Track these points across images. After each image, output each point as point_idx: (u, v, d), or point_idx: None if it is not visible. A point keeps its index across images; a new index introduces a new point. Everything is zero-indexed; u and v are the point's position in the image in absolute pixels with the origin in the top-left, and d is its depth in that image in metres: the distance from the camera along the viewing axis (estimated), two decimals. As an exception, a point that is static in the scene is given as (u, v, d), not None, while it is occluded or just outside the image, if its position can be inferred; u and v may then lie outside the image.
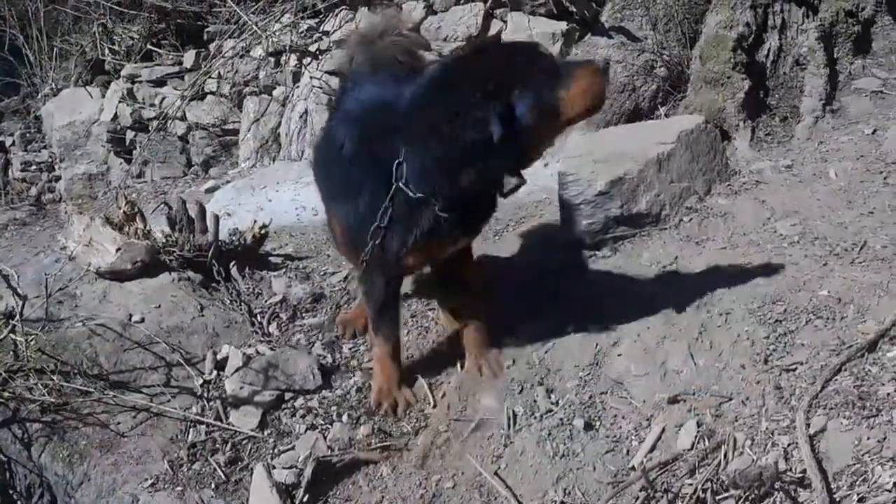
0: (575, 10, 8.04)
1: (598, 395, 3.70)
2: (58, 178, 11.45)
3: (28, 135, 12.32)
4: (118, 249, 4.58)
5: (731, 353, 3.57)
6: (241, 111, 10.37)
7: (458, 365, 4.09)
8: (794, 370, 3.34)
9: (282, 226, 6.67)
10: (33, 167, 12.09)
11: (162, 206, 5.16)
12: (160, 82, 10.92)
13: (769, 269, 4.09)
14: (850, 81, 6.96)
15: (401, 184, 3.56)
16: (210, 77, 10.36)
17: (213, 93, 10.50)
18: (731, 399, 3.37)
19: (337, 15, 9.11)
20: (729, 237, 4.60)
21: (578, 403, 3.68)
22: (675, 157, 5.12)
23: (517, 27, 7.91)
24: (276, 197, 8.07)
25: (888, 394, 3.02)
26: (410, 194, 3.55)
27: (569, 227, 5.00)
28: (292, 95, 9.62)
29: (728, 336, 3.64)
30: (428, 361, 4.21)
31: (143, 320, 4.30)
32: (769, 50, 7.10)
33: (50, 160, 11.68)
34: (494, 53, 3.64)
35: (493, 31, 8.11)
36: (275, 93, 9.87)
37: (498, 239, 5.46)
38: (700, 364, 3.58)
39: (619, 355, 3.76)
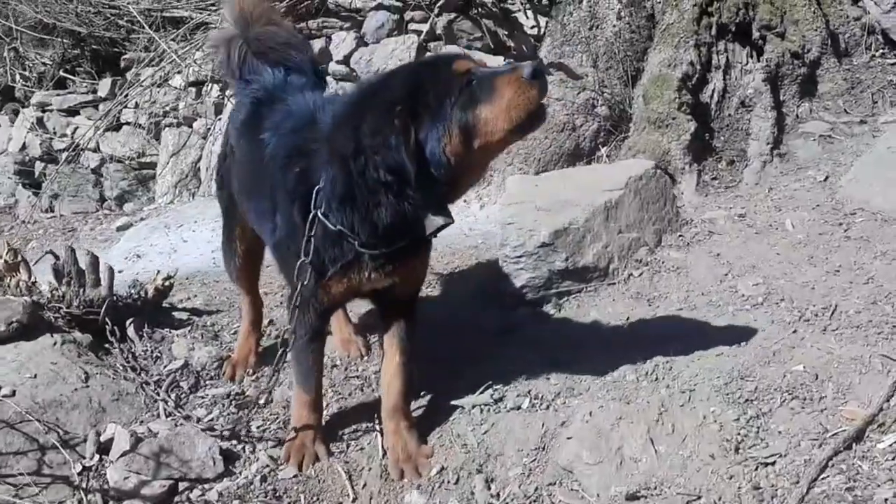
0: (513, 44, 7.66)
1: (546, 486, 3.18)
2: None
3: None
4: (-11, 308, 3.95)
5: (696, 439, 3.10)
6: (159, 143, 9.75)
7: (380, 443, 3.54)
8: (773, 464, 2.88)
9: (195, 271, 6.09)
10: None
11: (47, 254, 4.50)
12: (73, 111, 10.29)
13: (733, 336, 3.66)
14: (797, 125, 6.66)
15: (319, 213, 3.17)
16: (126, 107, 9.76)
17: (129, 123, 9.90)
18: (699, 497, 2.89)
19: (262, 44, 8.57)
20: (685, 297, 4.18)
21: (523, 497, 3.16)
22: (623, 205, 4.70)
23: (452, 61, 7.45)
24: (192, 237, 7.48)
25: (886, 500, 2.56)
26: (329, 225, 3.17)
27: (508, 280, 4.52)
28: (214, 128, 9.05)
29: (692, 418, 3.17)
30: (351, 437, 3.64)
31: (13, 393, 3.65)
32: (713, 90, 6.79)
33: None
34: (401, 76, 3.21)
35: (426, 65, 7.66)
36: (195, 125, 9.31)
37: (429, 289, 4.93)
38: (661, 451, 3.10)
39: (568, 438, 3.26)
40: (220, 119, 8.97)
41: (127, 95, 9.59)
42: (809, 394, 3.13)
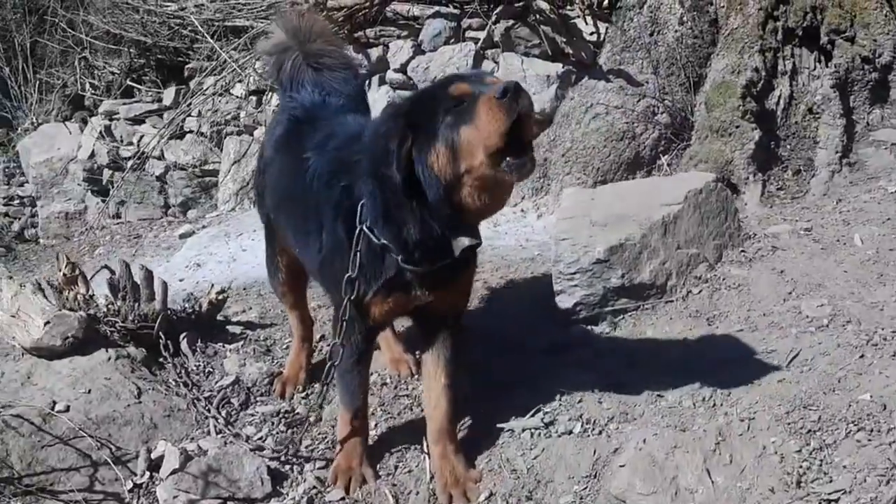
0: (571, 51, 7.55)
1: (597, 516, 3.10)
2: (38, 215, 10.98)
3: (8, 169, 11.86)
4: (47, 323, 3.99)
5: (755, 471, 2.98)
6: (221, 151, 9.85)
7: (428, 466, 3.49)
8: (837, 501, 2.75)
9: (252, 281, 6.09)
10: (16, 201, 11.66)
11: (103, 268, 4.55)
12: (138, 120, 10.44)
13: (796, 361, 3.52)
14: (867, 133, 6.44)
15: (365, 227, 3.17)
16: (189, 115, 9.89)
17: (192, 131, 10.01)
18: (757, 533, 2.78)
19: (321, 52, 8.59)
20: (745, 316, 4.04)
21: (573, 527, 3.08)
22: (682, 220, 4.57)
23: (509, 68, 7.41)
24: (251, 246, 7.50)
25: (956, 544, 2.43)
26: (374, 240, 3.16)
27: (562, 297, 4.43)
28: (273, 136, 9.09)
29: (751, 448, 3.05)
30: (399, 458, 3.60)
31: (67, 409, 3.69)
32: (779, 97, 6.62)
33: (33, 195, 11.20)
34: (411, 97, 3.24)
35: (484, 73, 7.60)
36: (256, 133, 9.36)
37: (480, 302, 4.87)
38: (718, 482, 2.99)
39: (621, 466, 3.16)
40: (280, 127, 9.01)
41: (190, 104, 9.70)
42: (877, 425, 2.98)
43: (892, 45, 6.64)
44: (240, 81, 9.49)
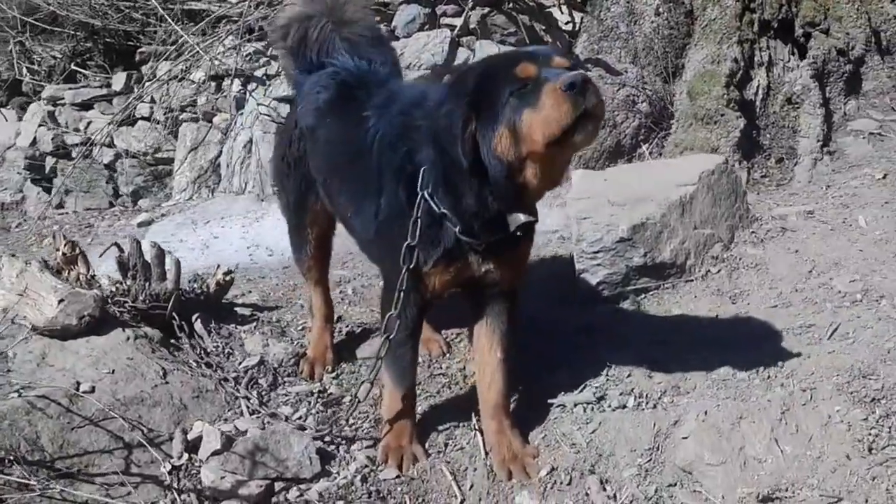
0: (550, 39, 7.55)
1: (665, 487, 3.07)
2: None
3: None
4: (61, 301, 3.77)
5: (823, 439, 2.99)
6: (176, 139, 9.55)
7: (481, 442, 3.41)
8: (919, 465, 2.77)
9: (233, 266, 5.90)
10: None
11: (112, 246, 4.33)
12: (86, 105, 10.05)
13: (840, 333, 3.56)
14: (845, 122, 6.62)
15: (426, 194, 3.11)
16: (143, 101, 9.56)
17: (145, 118, 9.68)
18: (840, 499, 2.78)
19: (287, 38, 8.41)
20: (777, 293, 4.07)
21: (643, 499, 3.05)
22: (697, 201, 4.59)
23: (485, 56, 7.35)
24: (223, 233, 7.32)
25: None
26: (434, 208, 3.11)
27: (584, 276, 4.41)
28: (235, 123, 8.87)
29: (816, 418, 3.06)
30: (448, 436, 3.52)
31: (93, 390, 3.49)
32: (758, 87, 6.75)
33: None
34: (475, 71, 3.13)
35: (459, 60, 7.56)
36: (215, 120, 9.10)
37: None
38: (787, 451, 2.99)
39: (684, 438, 3.14)
40: (241, 114, 8.80)
41: (144, 90, 9.38)
42: (941, 392, 3.04)
43: (864, 38, 6.84)
44: (198, 67, 9.21)
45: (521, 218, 3.08)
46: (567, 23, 7.75)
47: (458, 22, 7.53)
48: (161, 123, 9.56)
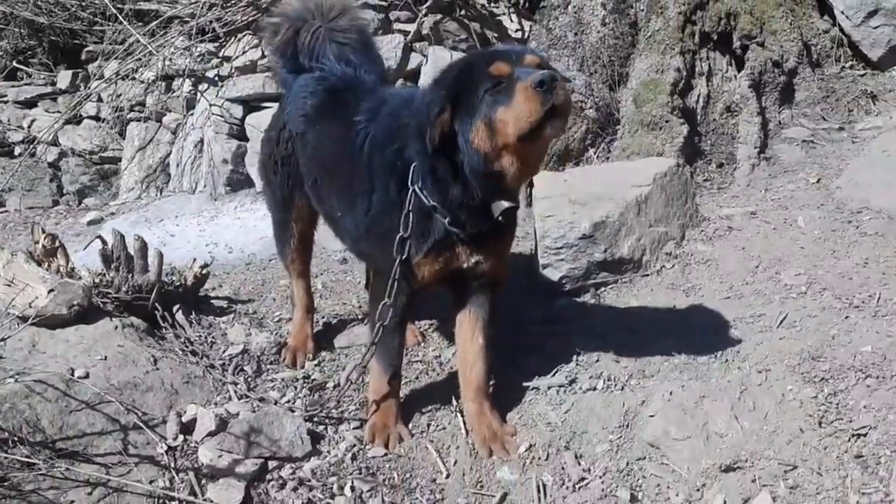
0: (500, 46, 7.80)
1: (635, 461, 3.33)
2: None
3: None
4: (50, 291, 3.88)
5: (778, 415, 3.28)
6: (123, 138, 9.56)
7: (462, 423, 3.64)
8: (865, 435, 3.08)
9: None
10: None
11: (96, 239, 4.44)
12: (30, 103, 9.99)
13: (788, 322, 3.88)
14: (779, 130, 7.01)
15: (416, 188, 3.33)
16: (89, 100, 9.54)
17: (91, 117, 9.67)
18: (795, 467, 3.07)
19: (240, 40, 8.53)
20: (729, 286, 4.38)
21: (615, 471, 3.31)
22: (651, 200, 4.89)
23: (439, 62, 7.59)
24: (179, 232, 7.41)
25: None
26: (424, 201, 3.32)
27: (547, 271, 4.66)
28: (186, 123, 8.94)
29: (771, 396, 3.35)
30: (431, 417, 3.74)
31: (87, 375, 3.61)
32: (699, 96, 7.09)
33: None
34: (455, 67, 3.36)
35: (412, 65, 7.78)
36: (165, 119, 9.16)
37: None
38: (746, 427, 3.27)
39: (651, 416, 3.41)
40: (191, 114, 8.87)
41: (92, 88, 9.36)
42: (882, 372, 3.33)
43: (796, 51, 7.26)
44: (146, 66, 9.23)
45: (504, 204, 3.31)
46: (517, 30, 8.03)
47: (411, 28, 7.75)
48: (108, 122, 9.56)
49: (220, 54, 8.67)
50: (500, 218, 3.35)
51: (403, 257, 3.37)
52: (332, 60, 4.04)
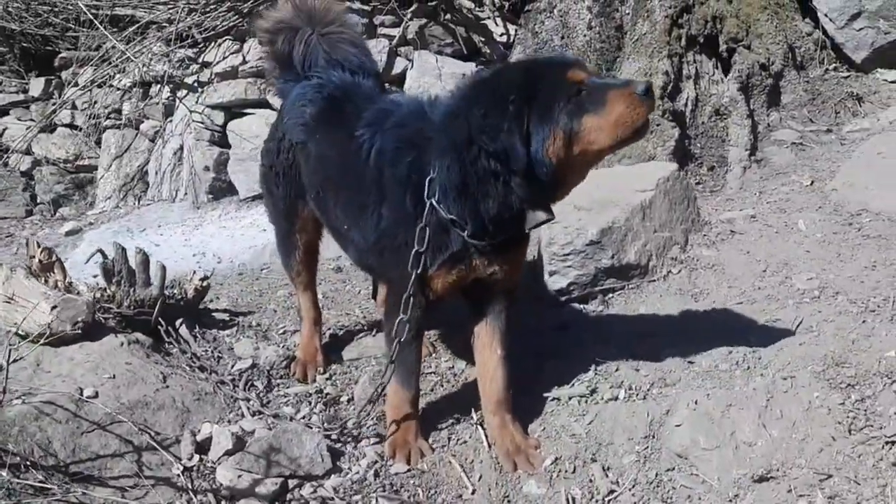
0: (488, 50, 7.78)
1: (664, 472, 3.29)
2: None
3: None
4: (53, 307, 3.76)
5: (807, 423, 3.25)
6: (99, 146, 9.38)
7: (484, 436, 3.58)
8: (900, 442, 3.06)
9: (183, 274, 5.91)
10: None
11: (97, 253, 4.32)
12: (1, 111, 9.76)
13: (802, 328, 3.86)
14: (769, 133, 7.04)
15: (433, 202, 3.24)
16: (64, 107, 9.35)
17: (66, 125, 9.47)
18: (830, 476, 3.04)
19: (220, 45, 8.40)
20: (740, 291, 4.36)
21: (645, 483, 3.26)
22: (655, 205, 4.87)
23: (425, 66, 7.56)
24: (164, 241, 7.27)
25: None
26: (442, 213, 3.25)
27: (554, 278, 4.62)
28: (165, 130, 8.78)
29: (797, 403, 3.31)
30: (450, 431, 3.67)
31: (97, 395, 3.49)
32: (687, 99, 7.09)
33: None
34: (517, 74, 3.28)
35: (398, 70, 7.71)
36: (143, 127, 8.99)
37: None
38: (775, 435, 3.24)
39: (677, 426, 3.37)
40: (170, 121, 8.72)
41: (67, 96, 9.19)
42: (908, 377, 3.34)
43: (782, 54, 7.30)
44: (123, 72, 9.06)
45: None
46: (502, 34, 7.99)
47: (396, 32, 7.68)
48: (84, 130, 9.37)
49: (200, 60, 8.53)
50: (527, 230, 3.33)
51: (419, 271, 3.29)
52: (327, 67, 3.97)
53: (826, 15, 7.57)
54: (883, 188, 5.22)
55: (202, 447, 3.46)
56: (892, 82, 7.41)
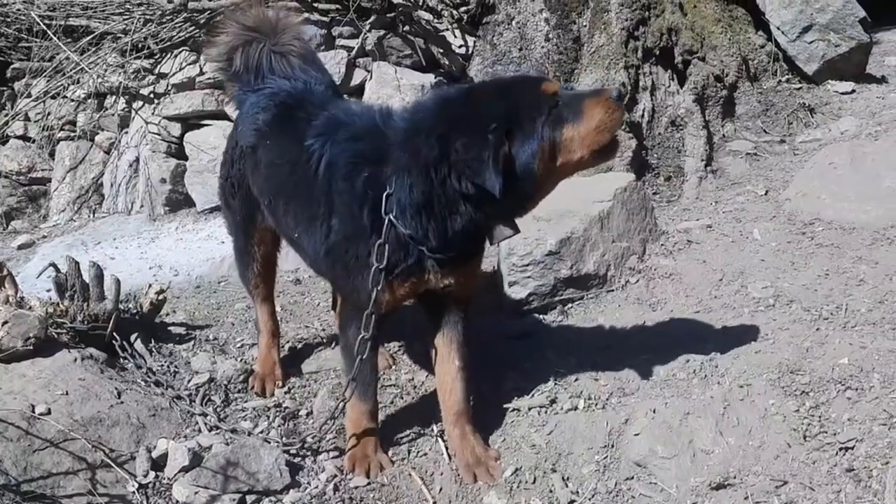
0: (447, 62, 7.79)
1: (623, 480, 3.31)
2: None
3: None
4: (4, 323, 3.68)
5: (762, 430, 3.29)
6: (53, 158, 9.23)
7: (444, 448, 3.57)
8: (853, 448, 3.10)
9: (138, 288, 5.83)
10: None
11: (49, 267, 4.24)
12: (-49, 123, 9.54)
13: (761, 335, 3.90)
14: (724, 143, 7.12)
15: (391, 217, 3.22)
16: (16, 119, 9.19)
17: (19, 136, 9.31)
18: (786, 483, 3.07)
19: (177, 56, 8.32)
20: (697, 300, 4.40)
21: (604, 492, 3.27)
22: (613, 216, 4.90)
23: (384, 77, 7.54)
24: (119, 254, 7.17)
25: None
26: (400, 229, 3.23)
27: (513, 289, 4.62)
28: (120, 142, 8.67)
29: (754, 411, 3.36)
30: (410, 443, 3.65)
31: (49, 412, 3.43)
32: (643, 110, 7.14)
33: None
34: (492, 93, 3.29)
35: (356, 81, 7.70)
36: (98, 138, 8.86)
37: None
38: (732, 443, 3.27)
39: (636, 435, 3.39)
40: (126, 132, 8.62)
41: (20, 107, 9.03)
42: (860, 384, 3.36)
43: (736, 66, 7.41)
44: (76, 83, 8.94)
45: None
46: (461, 46, 8.00)
47: (355, 44, 7.65)
48: (37, 142, 9.23)
49: (156, 71, 8.43)
50: (493, 243, 3.39)
51: (379, 288, 3.28)
52: (279, 77, 3.95)
53: (778, 28, 7.70)
54: (835, 198, 5.30)
55: (158, 464, 3.41)
56: (842, 94, 7.56)
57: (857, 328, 3.82)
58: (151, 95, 8.40)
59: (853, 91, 7.59)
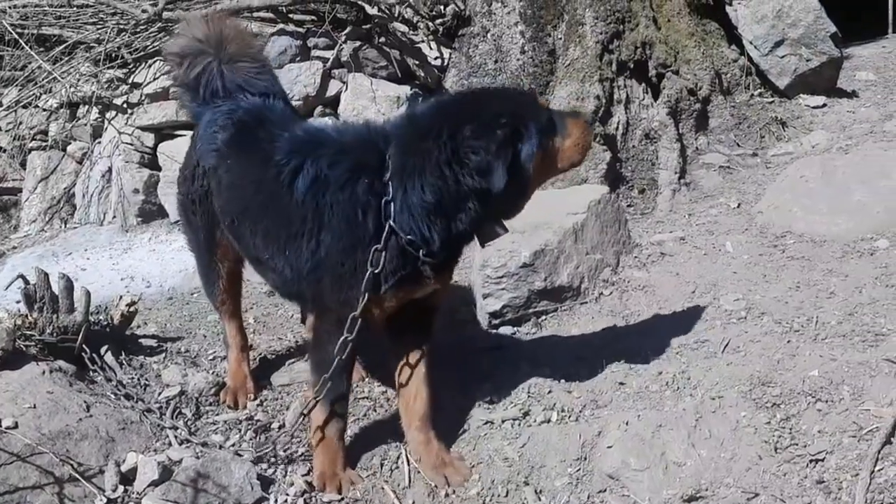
0: (423, 73, 7.80)
1: (596, 493, 3.30)
2: None
3: None
4: (-29, 335, 3.64)
5: (734, 442, 3.30)
6: (24, 168, 9.14)
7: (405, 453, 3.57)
8: (823, 460, 3.11)
9: (109, 299, 5.78)
10: None
11: (18, 278, 4.18)
12: (-81, 132, 9.43)
13: (729, 348, 3.92)
14: (697, 156, 7.18)
15: (391, 223, 3.24)
16: (-15, 128, 9.10)
17: (-13, 146, 9.22)
18: (757, 495, 3.08)
19: (150, 66, 8.27)
20: (670, 312, 4.42)
21: (577, 505, 3.27)
22: (587, 228, 4.92)
23: (359, 88, 7.54)
24: (91, 266, 7.10)
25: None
26: (401, 235, 3.25)
27: (489, 300, 4.63)
28: (92, 152, 8.60)
29: (726, 423, 3.37)
30: (382, 457, 3.63)
31: (16, 425, 3.38)
32: (618, 123, 7.18)
33: None
34: (497, 96, 3.55)
35: (332, 92, 7.68)
36: (70, 148, 8.79)
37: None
38: (704, 455, 3.28)
39: (609, 447, 3.38)
40: (98, 143, 8.55)
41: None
42: (830, 396, 3.39)
43: (709, 79, 7.48)
44: (48, 92, 8.87)
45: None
46: (436, 58, 8.00)
47: (330, 55, 7.64)
48: (8, 152, 9.14)
49: (130, 81, 8.37)
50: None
51: (372, 293, 3.28)
52: (232, 91, 3.91)
53: (751, 42, 7.78)
54: (806, 211, 5.36)
55: (127, 478, 3.36)
56: (814, 107, 7.65)
57: (828, 340, 3.84)
58: (125, 105, 8.34)
59: (824, 105, 7.67)
